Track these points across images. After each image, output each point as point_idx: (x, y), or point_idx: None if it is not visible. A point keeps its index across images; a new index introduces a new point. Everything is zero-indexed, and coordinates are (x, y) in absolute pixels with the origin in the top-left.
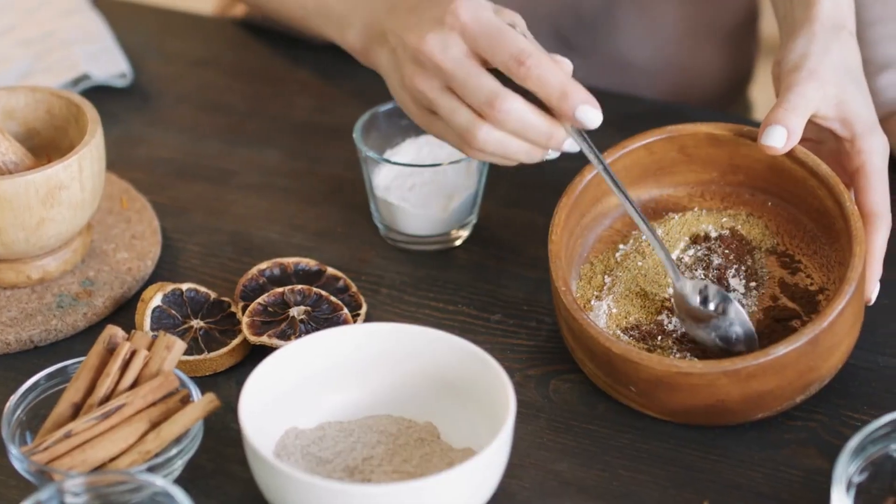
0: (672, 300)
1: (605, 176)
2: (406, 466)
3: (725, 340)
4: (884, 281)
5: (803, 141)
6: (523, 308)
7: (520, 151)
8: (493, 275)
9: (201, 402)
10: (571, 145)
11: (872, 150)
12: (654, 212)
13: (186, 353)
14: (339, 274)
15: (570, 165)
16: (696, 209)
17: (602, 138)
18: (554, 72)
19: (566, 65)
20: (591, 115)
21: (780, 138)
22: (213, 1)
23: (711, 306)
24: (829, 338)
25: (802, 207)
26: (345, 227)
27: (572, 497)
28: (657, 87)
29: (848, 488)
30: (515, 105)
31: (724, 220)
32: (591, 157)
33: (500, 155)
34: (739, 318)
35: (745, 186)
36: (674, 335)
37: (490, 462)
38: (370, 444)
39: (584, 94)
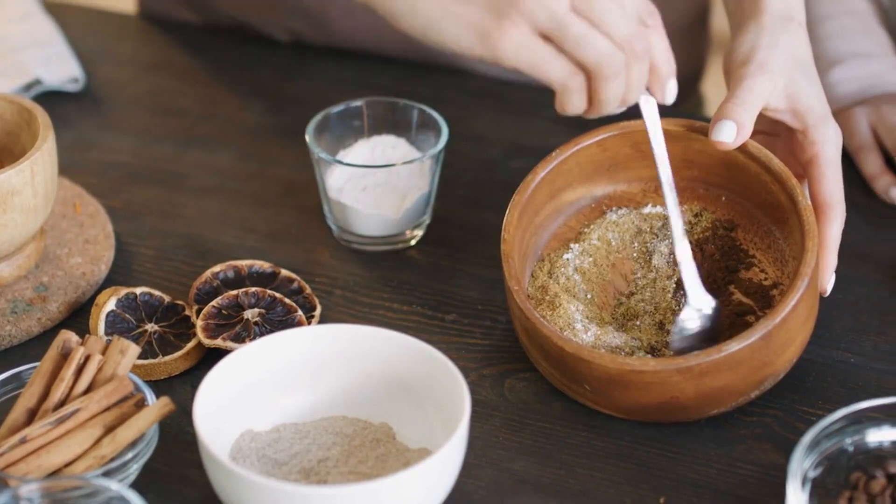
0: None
1: (657, 150)
2: (362, 467)
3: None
4: (837, 275)
5: (757, 134)
6: (478, 307)
7: (631, 91)
8: (447, 275)
9: (156, 406)
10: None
11: (826, 140)
12: (608, 207)
13: (141, 356)
14: (293, 276)
15: (523, 165)
16: (649, 205)
17: (554, 135)
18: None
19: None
20: (674, 88)
21: (729, 133)
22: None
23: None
24: (783, 333)
25: (756, 202)
26: (298, 229)
27: (528, 495)
28: None
29: (803, 483)
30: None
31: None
32: (650, 128)
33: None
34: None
35: (699, 181)
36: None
37: (446, 462)
38: (326, 446)
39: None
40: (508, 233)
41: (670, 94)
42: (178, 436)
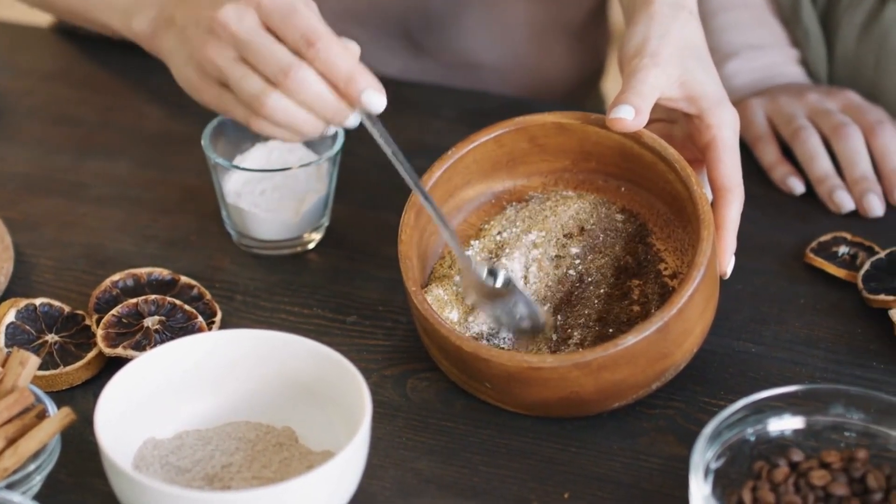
0: (461, 278)
1: (393, 159)
2: (265, 472)
3: (510, 316)
4: (737, 266)
5: (655, 122)
6: (378, 308)
7: (306, 123)
8: (347, 277)
9: (57, 417)
10: (353, 121)
11: (721, 123)
12: (508, 203)
13: (42, 367)
14: (193, 282)
15: (422, 164)
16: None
17: (453, 134)
18: (342, 55)
19: (354, 49)
20: (376, 99)
21: (628, 111)
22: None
23: (499, 283)
24: (680, 324)
25: (655, 192)
26: (198, 236)
27: (433, 495)
28: (509, 87)
29: (706, 474)
30: (309, 75)
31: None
32: (380, 141)
33: (285, 124)
34: (523, 297)
35: (598, 173)
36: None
37: (348, 463)
38: (229, 452)
39: (369, 78)
40: (405, 234)
41: (371, 103)
42: (80, 446)
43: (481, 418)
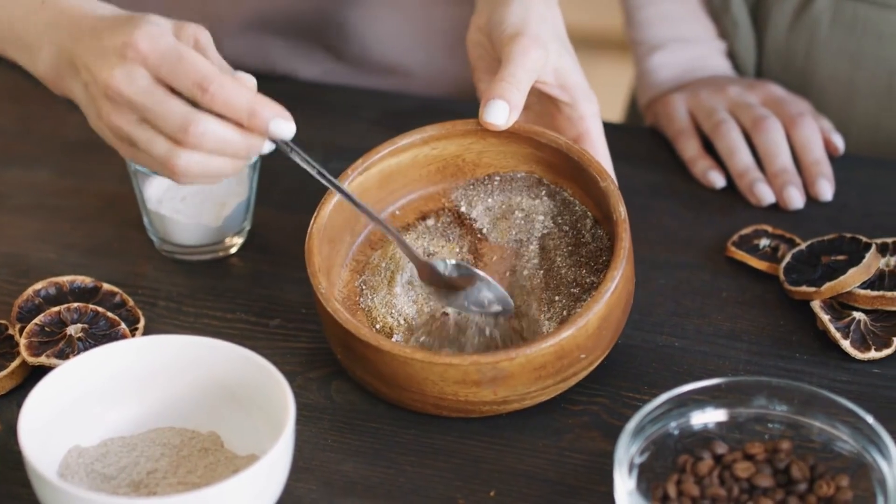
0: (419, 280)
1: (320, 179)
2: (191, 477)
3: (479, 305)
4: (660, 261)
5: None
6: (302, 311)
7: (224, 168)
8: (269, 280)
9: None
10: (269, 147)
11: (593, 114)
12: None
13: None
14: (116, 289)
15: (341, 167)
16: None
17: (371, 136)
18: (239, 92)
19: (250, 82)
20: (284, 127)
21: (501, 115)
22: None
23: (456, 275)
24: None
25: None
26: (119, 243)
27: (359, 496)
28: (435, 91)
29: (630, 469)
30: (209, 126)
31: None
32: (301, 164)
33: (204, 175)
34: (487, 283)
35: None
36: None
37: (273, 467)
38: (154, 458)
39: (272, 108)
40: (313, 265)
41: (280, 132)
42: (5, 455)
43: (406, 419)
